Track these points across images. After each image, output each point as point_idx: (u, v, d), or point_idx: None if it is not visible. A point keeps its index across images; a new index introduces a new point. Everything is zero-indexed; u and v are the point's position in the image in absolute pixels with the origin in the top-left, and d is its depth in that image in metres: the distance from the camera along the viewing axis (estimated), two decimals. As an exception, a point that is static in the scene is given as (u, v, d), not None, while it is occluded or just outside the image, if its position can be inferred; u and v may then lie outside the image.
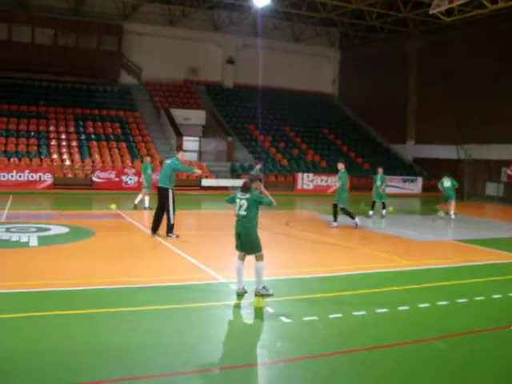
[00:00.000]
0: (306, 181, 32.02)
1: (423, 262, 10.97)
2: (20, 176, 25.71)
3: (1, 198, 21.66)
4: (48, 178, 26.27)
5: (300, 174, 32.12)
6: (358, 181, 32.36)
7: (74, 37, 36.88)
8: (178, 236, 12.86)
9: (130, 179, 27.67)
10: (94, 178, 27.24)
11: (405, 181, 33.95)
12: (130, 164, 29.37)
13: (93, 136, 31.61)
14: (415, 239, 14.15)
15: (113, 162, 29.34)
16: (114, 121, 33.91)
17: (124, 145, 31.55)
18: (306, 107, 41.69)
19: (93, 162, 29.13)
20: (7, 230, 13.33)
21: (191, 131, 36.66)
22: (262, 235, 8.12)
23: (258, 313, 7.14)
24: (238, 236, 7.90)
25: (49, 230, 13.69)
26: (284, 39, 42.29)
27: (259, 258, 7.84)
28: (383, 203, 19.35)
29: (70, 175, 27.59)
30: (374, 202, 19.44)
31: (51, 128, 31.52)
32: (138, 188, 27.18)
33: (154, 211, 13.49)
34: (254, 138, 36.29)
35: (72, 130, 31.93)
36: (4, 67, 34.30)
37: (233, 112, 38.70)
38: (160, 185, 13.04)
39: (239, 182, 29.23)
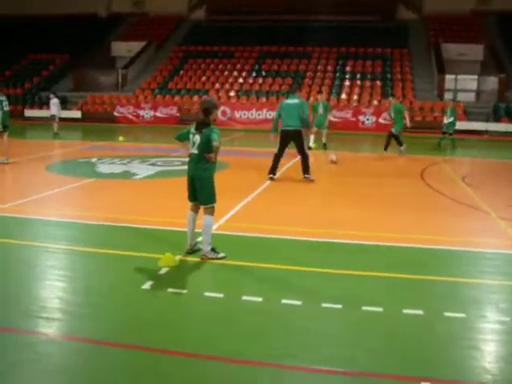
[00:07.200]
0: None
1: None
2: (259, 114, 26.82)
3: (226, 134, 23.01)
4: (281, 116, 26.80)
5: None
6: None
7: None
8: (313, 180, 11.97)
9: (368, 119, 26.34)
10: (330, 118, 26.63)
11: None
12: (375, 103, 27.90)
13: (347, 75, 30.89)
14: None
15: (358, 100, 28.10)
16: (376, 58, 32.43)
17: (378, 83, 30.03)
18: None
19: (338, 100, 28.52)
20: (153, 163, 14.10)
21: (467, 68, 32.94)
22: (403, 186, 6.52)
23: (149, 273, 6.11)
24: (190, 181, 6.61)
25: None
26: None
27: (209, 211, 6.56)
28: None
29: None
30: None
31: (310, 67, 31.90)
32: (375, 129, 25.85)
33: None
34: (539, 75, 30.54)
35: (330, 68, 31.76)
36: (279, 10, 35.78)
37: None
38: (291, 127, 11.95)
39: (495, 126, 25.51)
